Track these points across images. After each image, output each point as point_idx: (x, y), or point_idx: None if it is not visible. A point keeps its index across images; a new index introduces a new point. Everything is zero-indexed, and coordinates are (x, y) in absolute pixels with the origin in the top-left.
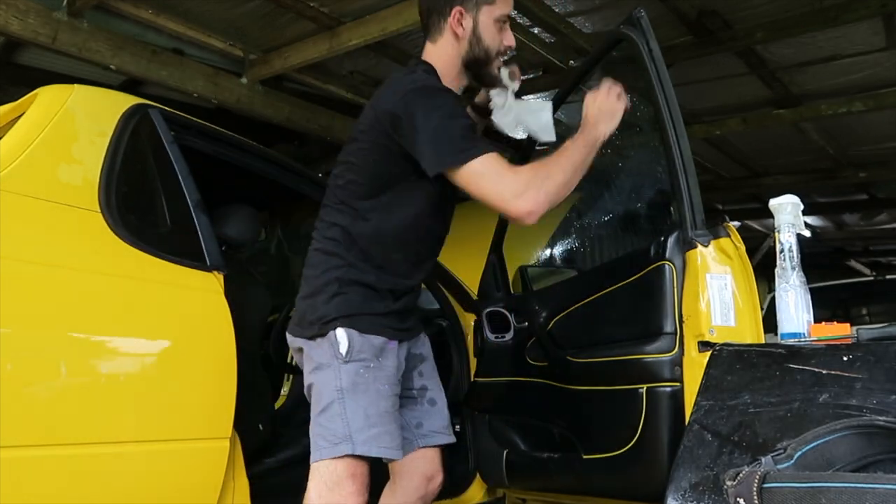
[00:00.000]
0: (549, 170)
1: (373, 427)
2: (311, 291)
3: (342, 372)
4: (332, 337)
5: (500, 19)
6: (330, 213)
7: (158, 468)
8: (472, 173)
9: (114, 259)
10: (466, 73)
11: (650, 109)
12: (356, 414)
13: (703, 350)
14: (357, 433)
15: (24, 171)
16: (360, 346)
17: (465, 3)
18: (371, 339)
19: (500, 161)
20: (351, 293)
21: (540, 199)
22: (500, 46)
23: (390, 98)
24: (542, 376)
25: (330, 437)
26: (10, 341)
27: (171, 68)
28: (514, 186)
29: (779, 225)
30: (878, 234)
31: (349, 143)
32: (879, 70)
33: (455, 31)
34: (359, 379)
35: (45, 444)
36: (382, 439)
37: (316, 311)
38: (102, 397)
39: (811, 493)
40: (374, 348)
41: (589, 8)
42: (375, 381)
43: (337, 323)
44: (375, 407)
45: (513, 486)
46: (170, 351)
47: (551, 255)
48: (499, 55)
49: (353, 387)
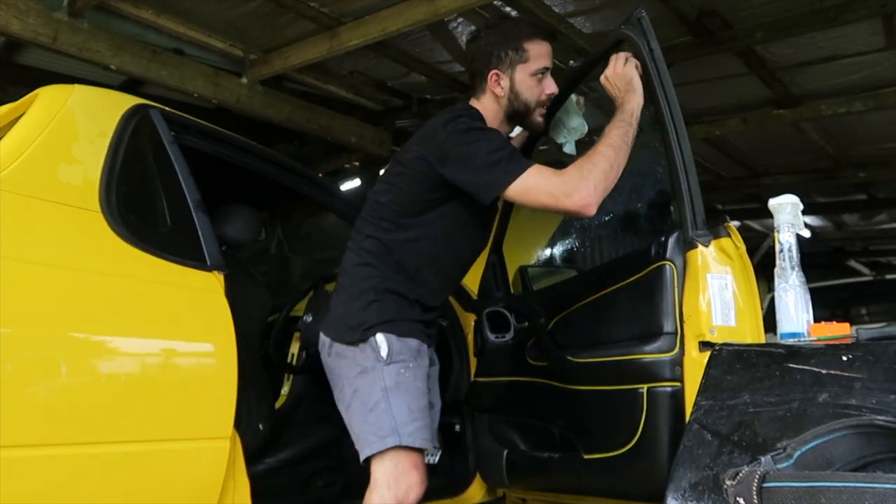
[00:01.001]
0: (593, 159)
1: (416, 421)
2: (348, 298)
3: (385, 373)
4: (374, 342)
5: (537, 73)
6: (367, 227)
7: (158, 468)
8: (522, 189)
9: (114, 259)
10: (511, 123)
11: (650, 109)
12: (401, 410)
13: (704, 350)
14: (403, 426)
15: (24, 171)
16: (400, 348)
17: (501, 65)
18: (408, 342)
19: (544, 169)
20: (386, 301)
21: (590, 190)
22: (541, 97)
23: (440, 135)
24: (542, 376)
25: (378, 433)
26: (10, 341)
27: (171, 68)
28: (563, 187)
29: (779, 225)
30: (877, 234)
31: (393, 166)
32: (879, 70)
33: (494, 91)
34: (400, 378)
35: (45, 444)
36: (424, 432)
37: (355, 317)
38: (102, 397)
39: (811, 492)
40: (412, 350)
41: (589, 8)
42: (415, 379)
43: (377, 329)
44: (417, 403)
45: (513, 486)
46: (170, 351)
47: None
48: (539, 105)
49: (396, 386)
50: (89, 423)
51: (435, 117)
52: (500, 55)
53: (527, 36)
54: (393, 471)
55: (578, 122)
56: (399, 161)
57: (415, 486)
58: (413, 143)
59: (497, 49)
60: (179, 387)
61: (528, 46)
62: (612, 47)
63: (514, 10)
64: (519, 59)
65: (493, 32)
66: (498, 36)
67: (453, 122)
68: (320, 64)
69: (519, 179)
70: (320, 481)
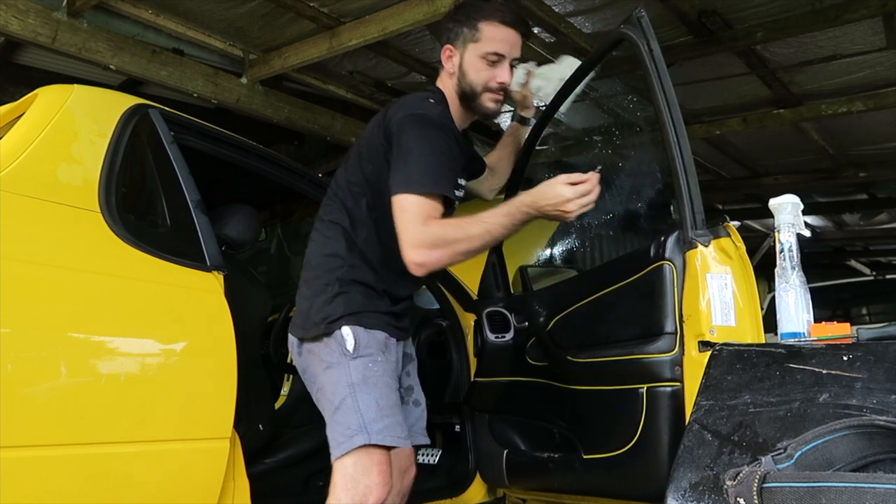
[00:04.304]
0: (460, 235)
1: (385, 417)
2: (312, 293)
3: (351, 368)
4: (339, 335)
5: (488, 56)
6: (331, 212)
7: (158, 468)
8: (400, 205)
9: (114, 259)
10: (466, 105)
11: (650, 109)
12: (369, 406)
13: (704, 350)
14: (371, 423)
15: (24, 171)
16: (367, 341)
17: (454, 41)
18: (376, 335)
19: (430, 208)
20: (353, 292)
21: (433, 258)
22: (490, 83)
23: (396, 116)
24: (542, 376)
25: (346, 432)
26: (10, 341)
27: (171, 68)
28: (419, 237)
29: (779, 225)
30: (878, 234)
31: (353, 146)
32: (879, 70)
33: (446, 67)
34: (368, 373)
35: (44, 445)
36: (395, 429)
37: (320, 311)
38: (102, 397)
39: (811, 492)
40: (379, 343)
41: (589, 8)
42: (384, 374)
43: (342, 321)
44: (386, 399)
45: (513, 486)
46: (169, 351)
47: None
48: (488, 91)
49: (363, 380)
50: (89, 424)
51: (399, 102)
52: (456, 31)
53: (487, 17)
54: (352, 471)
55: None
56: (359, 142)
57: (375, 488)
58: (374, 119)
59: (455, 25)
60: (179, 387)
61: (484, 28)
62: (611, 47)
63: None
64: (471, 38)
65: (460, 9)
66: (461, 13)
67: (412, 116)
68: (320, 64)
69: (409, 195)
70: (320, 481)
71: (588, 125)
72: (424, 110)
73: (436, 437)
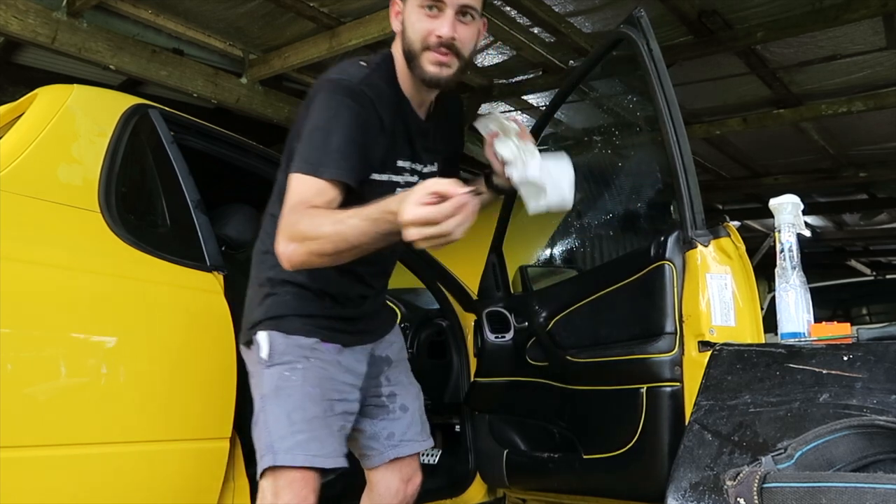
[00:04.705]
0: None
1: (298, 433)
2: (249, 295)
3: (265, 377)
4: (256, 342)
5: (425, 5)
6: (272, 204)
7: (158, 468)
8: (290, 185)
9: (113, 259)
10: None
11: (650, 109)
12: (278, 420)
13: (703, 350)
14: (279, 441)
15: (24, 171)
16: (284, 348)
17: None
18: (298, 340)
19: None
20: (282, 293)
21: (288, 252)
22: (429, 38)
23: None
24: (542, 376)
25: (259, 451)
26: (10, 341)
27: (171, 68)
28: (283, 225)
29: (779, 225)
30: (878, 234)
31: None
32: (879, 70)
33: (393, 25)
34: (283, 383)
35: (44, 445)
36: (310, 446)
37: (250, 315)
38: (102, 398)
39: (811, 492)
40: (302, 349)
41: (589, 8)
42: (305, 383)
43: (260, 327)
44: (302, 412)
45: (513, 486)
46: (170, 351)
47: (551, 255)
48: (427, 49)
49: (275, 391)
50: (89, 424)
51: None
52: None
53: None
54: (268, 496)
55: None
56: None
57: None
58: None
59: None
60: (179, 387)
61: None
62: (611, 47)
63: (513, 10)
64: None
65: None
66: None
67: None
68: (320, 64)
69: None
70: None
71: (588, 125)
72: (344, 75)
73: (436, 437)
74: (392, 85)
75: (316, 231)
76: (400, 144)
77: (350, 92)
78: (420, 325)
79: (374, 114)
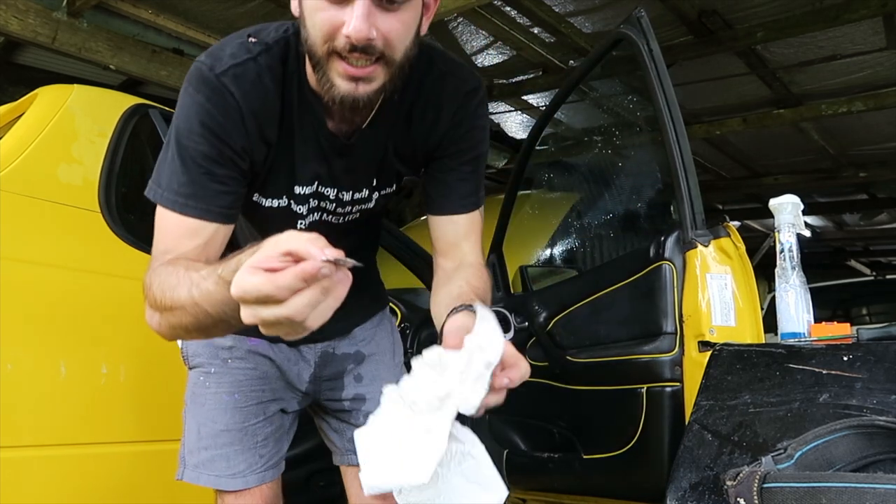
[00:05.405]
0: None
1: (204, 450)
2: None
3: (188, 380)
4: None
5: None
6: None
7: (158, 468)
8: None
9: (113, 259)
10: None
11: (650, 109)
12: (190, 432)
13: (703, 350)
14: (189, 455)
15: (24, 171)
16: (197, 347)
17: None
18: (214, 340)
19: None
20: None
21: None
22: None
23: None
24: (542, 376)
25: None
26: (10, 341)
27: (171, 68)
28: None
29: (779, 225)
30: (878, 234)
31: None
32: (879, 70)
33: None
34: (198, 389)
35: (44, 445)
36: (215, 465)
37: None
38: (101, 397)
39: (811, 493)
40: (217, 349)
41: (589, 8)
42: (219, 390)
43: None
44: (210, 425)
45: (513, 487)
46: (169, 351)
47: (551, 255)
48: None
49: (192, 398)
50: (89, 424)
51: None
52: None
53: None
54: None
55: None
56: None
57: None
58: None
59: None
60: (179, 387)
61: None
62: (611, 47)
63: (513, 10)
64: None
65: None
66: None
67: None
68: None
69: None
70: (321, 481)
71: (588, 125)
72: (209, 58)
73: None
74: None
75: (171, 298)
76: (300, 162)
77: (204, 85)
78: (420, 325)
79: (238, 117)
